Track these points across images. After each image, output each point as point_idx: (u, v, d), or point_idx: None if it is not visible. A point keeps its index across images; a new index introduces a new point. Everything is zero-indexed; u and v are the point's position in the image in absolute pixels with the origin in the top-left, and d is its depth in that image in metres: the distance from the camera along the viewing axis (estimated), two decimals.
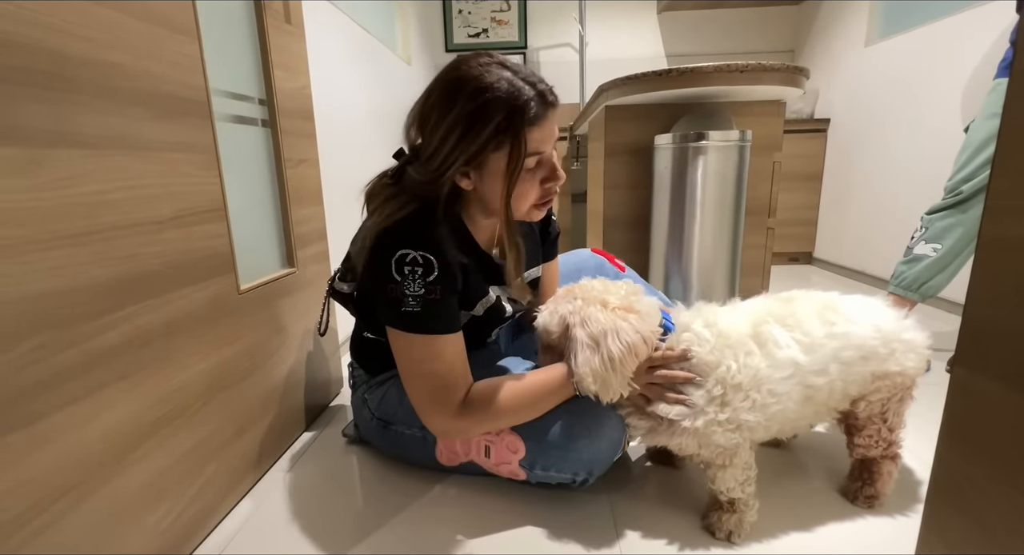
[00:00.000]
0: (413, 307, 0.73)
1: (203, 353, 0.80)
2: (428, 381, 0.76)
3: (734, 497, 0.77)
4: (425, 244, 0.73)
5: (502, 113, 0.68)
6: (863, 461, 0.85)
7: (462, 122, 0.69)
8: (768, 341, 0.74)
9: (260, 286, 0.97)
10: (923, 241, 1.46)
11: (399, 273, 0.72)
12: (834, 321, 0.76)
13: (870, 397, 0.79)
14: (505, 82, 0.69)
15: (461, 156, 0.71)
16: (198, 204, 0.79)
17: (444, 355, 0.75)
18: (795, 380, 0.73)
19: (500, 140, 0.70)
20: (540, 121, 0.71)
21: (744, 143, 1.41)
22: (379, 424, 0.95)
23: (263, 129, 1.02)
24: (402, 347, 0.77)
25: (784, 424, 0.78)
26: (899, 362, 0.77)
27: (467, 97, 0.69)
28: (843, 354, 0.75)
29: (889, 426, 0.81)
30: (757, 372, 0.73)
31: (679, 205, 1.46)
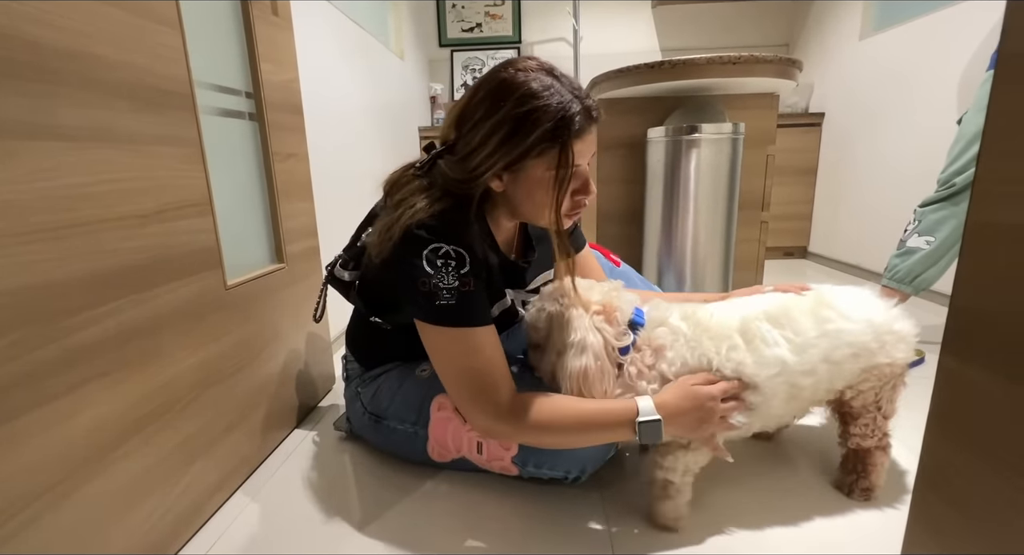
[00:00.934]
0: (448, 300, 0.72)
1: (190, 349, 0.79)
2: (469, 377, 0.74)
3: (670, 479, 0.76)
4: (458, 239, 0.73)
5: (551, 122, 0.68)
6: (856, 452, 0.85)
7: (507, 125, 0.69)
8: (755, 337, 0.74)
9: (248, 281, 0.96)
10: (916, 234, 1.46)
11: (432, 266, 0.71)
12: (828, 318, 0.75)
13: (860, 387, 0.79)
14: (555, 92, 0.69)
15: (502, 159, 0.71)
16: (183, 198, 0.78)
17: (483, 349, 0.74)
18: (782, 379, 0.73)
19: (543, 148, 0.70)
20: (583, 135, 0.71)
21: (737, 136, 1.40)
22: (371, 419, 0.95)
23: (250, 123, 1.01)
24: (439, 344, 0.75)
25: (767, 420, 0.77)
26: (888, 354, 0.77)
27: (516, 101, 0.68)
28: (835, 354, 0.74)
29: (884, 413, 0.81)
30: (739, 366, 0.72)
31: (672, 199, 1.46)
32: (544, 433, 0.74)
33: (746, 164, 1.52)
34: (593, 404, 0.73)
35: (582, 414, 0.73)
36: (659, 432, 0.70)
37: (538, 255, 0.93)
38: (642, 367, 0.76)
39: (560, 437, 0.75)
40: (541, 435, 0.75)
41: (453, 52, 3.26)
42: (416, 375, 0.91)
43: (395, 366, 0.95)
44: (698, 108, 1.50)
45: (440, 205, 0.74)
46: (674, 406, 0.71)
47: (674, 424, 0.71)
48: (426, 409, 0.88)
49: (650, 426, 0.70)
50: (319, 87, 1.50)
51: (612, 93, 1.53)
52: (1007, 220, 0.31)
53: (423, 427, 0.88)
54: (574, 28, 3.04)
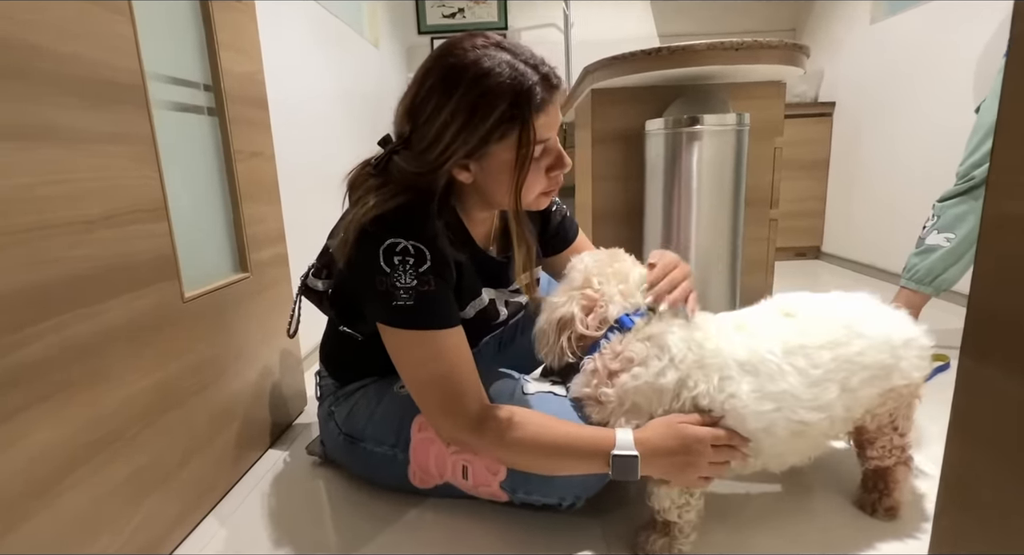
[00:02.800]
0: (405, 300, 0.72)
1: (143, 369, 0.78)
2: (434, 385, 0.75)
3: (669, 520, 0.76)
4: (416, 234, 0.73)
5: (506, 101, 0.69)
6: (876, 471, 0.86)
7: (462, 112, 0.69)
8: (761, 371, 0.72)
9: (208, 293, 0.95)
10: (935, 230, 1.48)
11: (388, 264, 0.72)
12: (843, 341, 0.73)
13: (876, 411, 0.79)
14: (507, 66, 0.69)
15: (461, 148, 0.71)
16: (134, 201, 0.77)
17: (445, 353, 0.74)
18: (781, 414, 0.71)
19: (505, 130, 0.70)
20: (546, 106, 0.71)
21: (742, 127, 1.42)
22: (346, 440, 0.94)
23: (209, 118, 1.01)
24: (398, 348, 0.76)
25: (768, 459, 0.76)
26: (905, 374, 0.76)
27: (467, 84, 0.69)
28: (851, 380, 0.73)
29: (900, 432, 0.82)
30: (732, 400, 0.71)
31: (673, 196, 1.47)
32: (511, 452, 0.75)
33: (752, 158, 1.54)
34: (567, 427, 0.74)
35: (555, 438, 0.72)
36: (634, 469, 0.69)
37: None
38: (601, 367, 0.75)
39: (529, 458, 0.75)
40: (508, 453, 0.75)
41: (433, 39, 3.28)
42: (394, 392, 0.91)
43: (372, 382, 0.95)
44: (699, 98, 1.52)
45: (397, 200, 0.74)
46: (656, 444, 0.70)
47: (654, 464, 0.70)
48: (406, 430, 0.87)
49: (625, 461, 0.69)
50: (286, 79, 1.50)
51: (606, 83, 1.55)
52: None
53: (403, 450, 0.88)
54: (565, 13, 3.07)
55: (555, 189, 0.81)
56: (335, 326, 0.95)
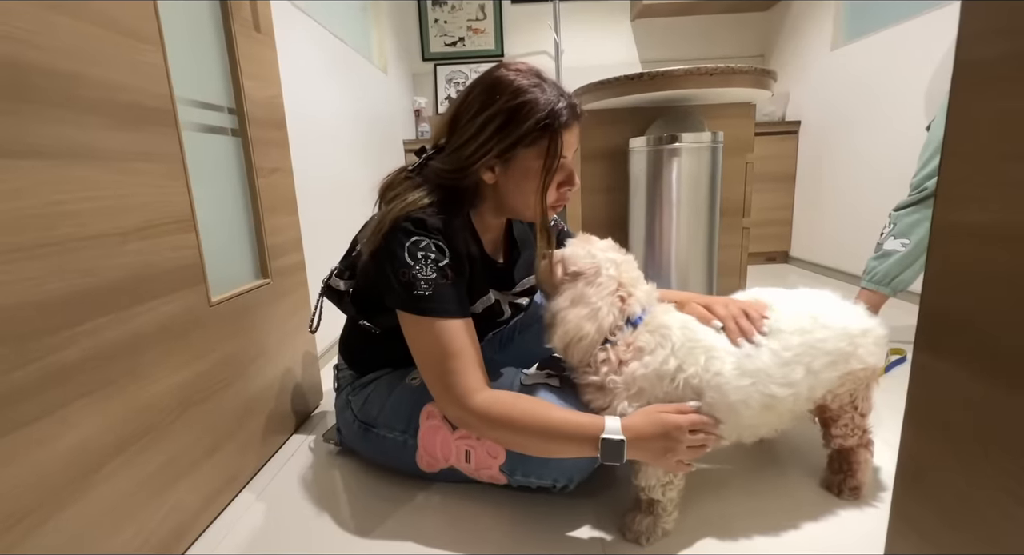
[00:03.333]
0: (425, 290, 0.74)
1: (173, 367, 0.78)
2: (440, 365, 0.76)
3: (654, 497, 0.76)
4: (440, 232, 0.76)
5: (543, 112, 0.74)
6: (840, 452, 0.86)
7: (501, 116, 0.74)
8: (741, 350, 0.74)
9: (233, 297, 0.94)
10: (892, 237, 1.49)
11: (412, 257, 0.74)
12: (809, 329, 0.75)
13: (837, 391, 0.80)
14: (544, 89, 0.75)
15: (496, 146, 0.75)
16: (165, 215, 0.77)
17: (455, 339, 0.75)
18: (755, 388, 0.72)
19: (536, 137, 0.74)
20: (571, 126, 0.77)
21: (716, 145, 1.43)
22: (361, 427, 0.94)
23: (233, 138, 1.01)
24: (414, 332, 0.77)
25: (741, 431, 0.77)
26: (862, 359, 0.77)
27: (510, 95, 0.74)
28: (814, 363, 0.74)
29: (860, 412, 0.82)
30: (717, 377, 0.72)
31: (655, 207, 1.47)
32: (507, 431, 0.75)
33: (726, 172, 1.55)
34: (560, 412, 0.74)
35: (548, 421, 0.73)
36: (621, 453, 0.70)
37: (523, 258, 0.95)
38: (614, 358, 0.75)
39: (523, 439, 0.75)
40: (504, 433, 0.75)
41: (436, 66, 3.28)
42: (407, 383, 0.91)
43: (386, 373, 0.96)
44: (678, 118, 1.53)
45: (430, 198, 0.78)
46: (640, 430, 0.71)
47: (637, 448, 0.71)
48: (416, 418, 0.87)
49: (613, 445, 0.70)
50: (303, 102, 1.50)
51: (594, 104, 1.55)
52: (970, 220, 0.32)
53: (412, 436, 0.88)
54: (555, 41, 3.08)
55: (563, 204, 0.84)
56: (354, 322, 0.96)
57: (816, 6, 2.69)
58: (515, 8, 3.24)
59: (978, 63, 0.31)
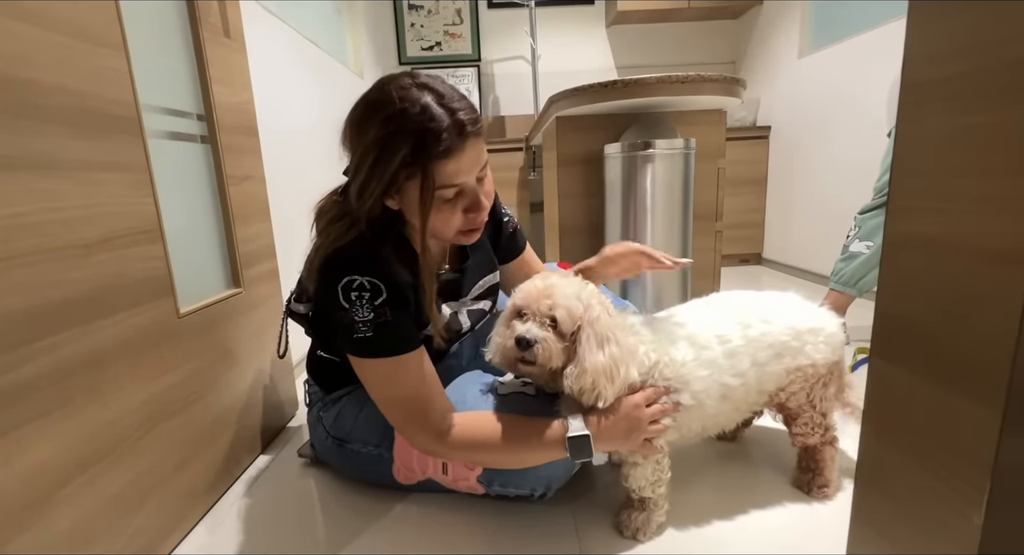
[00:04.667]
0: (365, 332, 0.72)
1: (140, 382, 0.76)
2: (399, 405, 0.75)
3: (645, 496, 0.79)
4: (371, 269, 0.72)
5: (407, 146, 0.65)
6: (806, 449, 0.89)
7: (373, 150, 0.67)
8: (697, 342, 0.78)
9: (203, 308, 0.92)
10: (857, 239, 1.54)
11: (347, 300, 0.72)
12: (749, 323, 0.80)
13: (790, 389, 0.84)
14: (419, 108, 0.65)
15: (378, 186, 0.69)
16: (130, 225, 0.75)
17: (407, 376, 0.74)
18: (712, 378, 0.77)
19: (410, 173, 0.68)
20: (454, 153, 0.67)
21: (689, 151, 1.46)
22: (335, 443, 0.93)
23: (202, 145, 0.99)
24: (365, 374, 0.76)
25: (705, 422, 0.80)
26: (809, 355, 0.81)
27: (378, 124, 0.66)
28: (758, 355, 0.79)
29: (820, 411, 0.85)
30: (681, 369, 0.76)
31: (630, 212, 1.49)
32: (477, 451, 0.75)
33: (699, 177, 1.58)
34: (525, 422, 0.74)
35: (515, 435, 0.74)
36: (589, 447, 0.71)
37: (473, 262, 0.92)
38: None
39: (494, 455, 0.76)
40: (475, 453, 0.76)
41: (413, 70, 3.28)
42: None
43: (356, 388, 0.93)
44: (651, 124, 1.55)
45: (351, 234, 0.73)
46: (600, 418, 0.73)
47: (604, 437, 0.72)
48: (390, 430, 0.86)
49: (579, 441, 0.71)
50: (276, 107, 1.48)
51: (569, 111, 1.57)
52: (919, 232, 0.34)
53: (388, 449, 0.87)
54: (532, 47, 3.11)
55: (476, 229, 0.77)
56: (316, 347, 0.94)
57: (783, 15, 2.77)
58: (492, 13, 3.25)
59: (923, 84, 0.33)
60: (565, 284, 0.74)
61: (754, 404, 0.85)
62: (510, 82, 3.35)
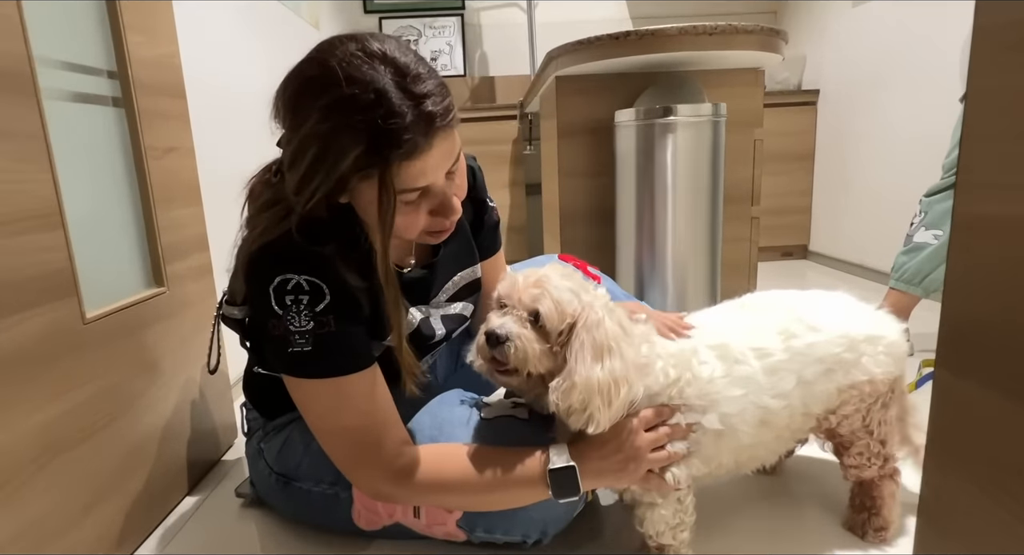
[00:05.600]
0: (302, 346, 0.70)
1: (33, 403, 0.74)
2: (344, 437, 0.74)
3: (663, 543, 0.78)
4: (309, 266, 0.70)
5: (359, 147, 0.62)
6: (861, 485, 0.89)
7: (314, 144, 0.64)
8: (728, 355, 0.77)
9: (116, 312, 0.91)
10: (923, 227, 1.54)
11: (280, 305, 0.70)
12: (794, 331, 0.79)
13: (842, 411, 0.83)
14: (373, 95, 0.61)
15: (321, 186, 0.66)
16: (19, 208, 0.73)
17: (354, 401, 0.73)
18: (749, 399, 0.76)
19: (364, 174, 0.65)
20: (420, 153, 0.64)
21: (718, 118, 1.45)
22: (279, 480, 0.92)
23: (115, 109, 0.97)
24: (302, 399, 0.75)
25: (739, 454, 0.80)
26: (866, 370, 0.81)
27: (320, 112, 0.62)
28: (805, 371, 0.78)
29: (878, 438, 0.85)
30: (708, 387, 0.75)
31: (647, 193, 1.49)
32: (442, 494, 0.75)
33: (730, 151, 1.58)
34: (500, 454, 0.74)
35: (486, 471, 0.73)
36: (575, 482, 0.70)
37: (446, 253, 0.90)
38: None
39: (462, 497, 0.75)
40: (439, 496, 0.75)
41: (382, 20, 3.25)
42: None
43: None
44: (672, 86, 1.55)
45: (287, 223, 0.70)
46: (589, 448, 0.72)
47: (593, 470, 0.72)
48: None
49: (563, 474, 0.70)
50: (209, 63, 1.46)
51: (572, 69, 1.56)
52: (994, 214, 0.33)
53: (345, 488, 0.86)
54: None
55: (443, 231, 0.77)
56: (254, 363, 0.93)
57: None
58: None
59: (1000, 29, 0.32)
60: (560, 276, 0.74)
61: (799, 431, 0.84)
62: (501, 35, 3.33)
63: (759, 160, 1.69)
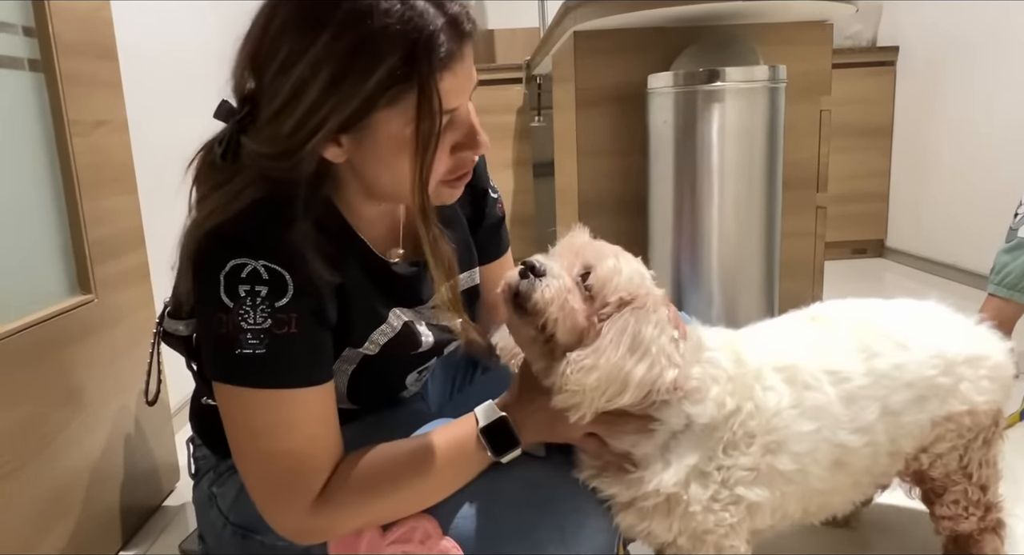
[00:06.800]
0: (255, 346, 0.70)
1: None
2: (273, 464, 0.74)
3: None
4: (271, 250, 0.71)
5: (397, 53, 0.65)
6: (957, 540, 0.89)
7: (331, 62, 0.66)
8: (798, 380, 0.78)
9: (31, 326, 0.92)
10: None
11: (231, 295, 0.70)
12: (877, 350, 0.80)
13: (936, 449, 0.83)
14: (398, 1, 0.65)
15: (332, 115, 0.68)
16: None
17: (301, 421, 0.74)
18: (822, 435, 0.76)
19: (396, 93, 0.67)
20: (454, 62, 0.68)
21: (777, 84, 1.46)
22: (236, 533, 0.92)
23: (32, 74, 0.99)
24: (235, 412, 0.75)
25: (807, 500, 0.80)
26: (966, 398, 0.81)
27: (340, 22, 0.65)
28: (891, 399, 0.78)
29: (979, 483, 0.85)
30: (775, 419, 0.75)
31: (687, 177, 1.49)
32: (375, 505, 0.76)
33: (790, 124, 1.57)
34: (428, 437, 0.78)
35: (416, 449, 0.76)
36: (511, 433, 0.75)
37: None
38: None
39: (401, 499, 0.77)
40: (373, 509, 0.77)
41: None
42: None
43: None
44: (719, 44, 1.55)
45: (243, 200, 0.72)
46: (514, 395, 0.79)
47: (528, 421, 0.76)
48: None
49: (496, 429, 0.75)
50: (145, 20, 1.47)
51: (595, 23, 1.56)
52: None
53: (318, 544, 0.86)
54: None
55: (464, 177, 0.79)
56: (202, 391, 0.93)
57: None
58: None
59: None
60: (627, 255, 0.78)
61: (882, 474, 0.85)
62: None
63: (826, 136, 1.69)
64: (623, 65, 1.64)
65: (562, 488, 0.79)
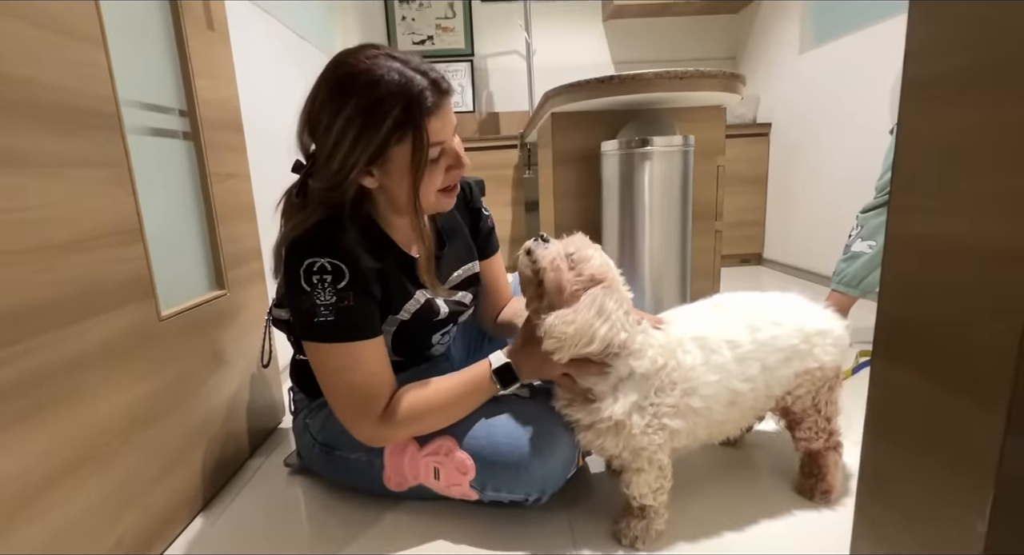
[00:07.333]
0: (326, 316, 0.73)
1: (120, 386, 0.75)
2: (350, 392, 0.77)
3: (646, 504, 0.79)
4: (332, 250, 0.74)
5: (399, 105, 0.68)
6: (809, 454, 0.89)
7: (358, 119, 0.69)
8: (707, 346, 0.78)
9: (186, 311, 0.92)
10: (859, 239, 1.55)
11: (308, 283, 0.73)
12: (759, 326, 0.80)
13: (796, 392, 0.84)
14: (396, 73, 0.69)
15: (363, 155, 0.71)
16: (108, 225, 0.74)
17: (364, 363, 0.76)
18: (722, 384, 0.77)
19: (401, 134, 0.70)
20: (437, 110, 0.72)
21: (687, 148, 1.46)
22: (322, 450, 0.92)
23: (185, 142, 0.98)
24: (319, 359, 0.77)
25: (710, 428, 0.81)
26: (817, 358, 0.82)
27: (360, 92, 0.69)
28: (768, 359, 0.80)
29: (825, 415, 0.86)
30: (691, 372, 0.76)
31: (628, 211, 1.49)
32: (421, 420, 0.79)
33: (698, 175, 1.58)
34: (456, 375, 0.80)
35: (449, 387, 0.79)
36: (514, 372, 0.79)
37: (450, 249, 0.93)
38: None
39: (438, 416, 0.80)
40: (420, 423, 0.79)
41: None
42: None
43: None
44: (649, 121, 1.55)
45: (312, 219, 0.76)
46: (517, 345, 0.80)
47: (525, 363, 0.78)
48: None
49: (504, 369, 0.79)
50: (262, 103, 1.47)
51: (565, 107, 1.57)
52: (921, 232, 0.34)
53: (378, 455, 0.86)
54: (527, 41, 3.11)
55: (455, 187, 0.82)
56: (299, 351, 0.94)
57: (782, 9, 2.79)
58: (485, 7, 3.25)
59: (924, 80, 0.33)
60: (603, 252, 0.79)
61: (760, 409, 0.85)
62: (504, 77, 3.35)
63: (721, 182, 1.70)
64: (585, 135, 1.64)
65: (541, 418, 0.81)
